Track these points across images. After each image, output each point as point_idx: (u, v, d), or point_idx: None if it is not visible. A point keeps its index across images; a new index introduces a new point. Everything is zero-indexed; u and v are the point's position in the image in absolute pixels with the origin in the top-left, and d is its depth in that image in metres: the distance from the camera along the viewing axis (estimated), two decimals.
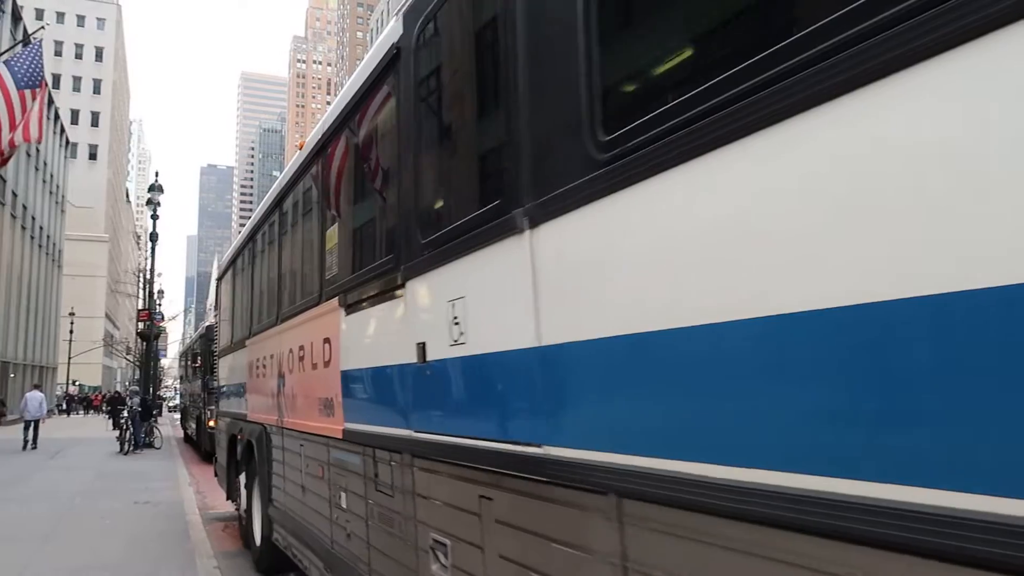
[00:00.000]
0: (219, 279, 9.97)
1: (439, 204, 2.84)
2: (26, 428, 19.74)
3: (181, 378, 24.86)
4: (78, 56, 74.66)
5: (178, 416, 48.36)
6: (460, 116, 2.77)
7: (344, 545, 3.96)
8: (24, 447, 19.23)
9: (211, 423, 13.12)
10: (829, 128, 1.20)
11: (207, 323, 17.36)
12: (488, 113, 2.50)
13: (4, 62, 17.34)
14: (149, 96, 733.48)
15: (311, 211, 4.81)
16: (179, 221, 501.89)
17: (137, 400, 18.86)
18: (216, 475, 9.91)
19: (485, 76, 2.54)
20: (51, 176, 48.17)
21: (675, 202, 1.53)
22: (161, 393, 54.46)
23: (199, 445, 18.73)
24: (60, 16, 71.81)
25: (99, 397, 50.86)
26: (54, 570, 6.25)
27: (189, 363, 23.11)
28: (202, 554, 6.66)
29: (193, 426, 21.13)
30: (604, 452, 1.72)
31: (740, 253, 1.36)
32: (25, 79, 17.13)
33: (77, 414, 45.94)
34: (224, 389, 9.17)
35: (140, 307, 34.95)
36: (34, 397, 20.41)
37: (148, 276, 28.23)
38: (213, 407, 12.08)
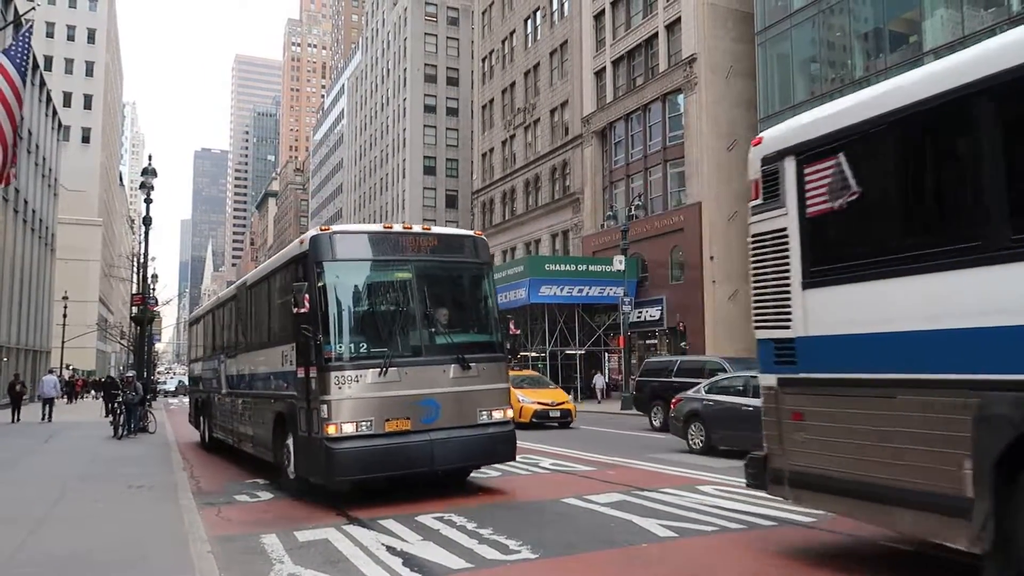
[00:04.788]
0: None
1: None
2: (43, 405, 24.82)
3: (196, 357, 18.96)
4: (70, 38, 73.88)
5: (174, 401, 48.11)
6: None
7: None
8: (42, 420, 23.96)
9: (332, 428, 8.31)
10: None
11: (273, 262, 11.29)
12: None
13: (3, 51, 17.21)
14: (142, 79, 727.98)
15: None
16: (173, 205, 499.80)
17: (135, 387, 18.75)
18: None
19: None
20: (43, 159, 47.75)
21: None
22: (155, 377, 54.33)
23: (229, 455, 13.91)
24: None
25: (81, 382, 48.95)
26: (47, 553, 6.26)
27: (219, 330, 15.27)
28: (196, 538, 6.68)
29: (221, 430, 14.50)
30: None
31: None
32: (22, 71, 17.03)
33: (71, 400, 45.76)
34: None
35: (134, 291, 34.89)
36: (49, 380, 26.08)
37: (142, 260, 28.15)
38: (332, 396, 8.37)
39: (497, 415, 9.28)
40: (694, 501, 8.57)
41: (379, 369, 8.50)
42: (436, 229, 9.88)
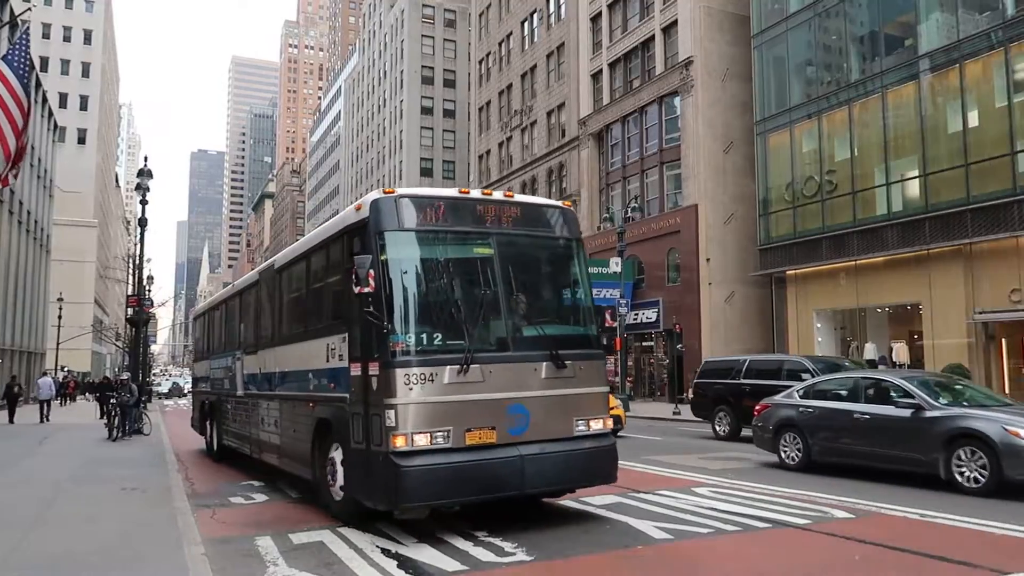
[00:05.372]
0: None
1: None
2: (41, 407, 25.55)
3: (202, 355, 16.93)
4: (66, 39, 73.77)
5: (169, 403, 47.84)
6: None
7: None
8: (40, 421, 24.47)
9: (400, 440, 6.68)
10: None
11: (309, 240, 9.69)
12: None
13: (2, 58, 17.16)
14: (139, 80, 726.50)
15: None
16: (169, 207, 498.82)
17: (130, 389, 18.70)
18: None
19: None
20: (39, 160, 47.64)
21: None
22: (150, 379, 54.14)
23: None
24: None
25: (73, 383, 47.64)
26: (41, 555, 6.24)
27: (234, 323, 13.54)
28: (190, 540, 6.66)
29: (235, 438, 12.90)
30: None
31: None
32: (23, 75, 16.98)
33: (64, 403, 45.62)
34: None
35: (129, 293, 34.78)
36: (45, 382, 27.10)
37: (137, 262, 28.07)
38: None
39: (596, 425, 7.64)
40: (689, 503, 8.57)
41: (459, 366, 6.86)
42: (520, 197, 8.14)
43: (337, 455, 7.84)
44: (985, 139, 21.87)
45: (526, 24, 49.78)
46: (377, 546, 6.74)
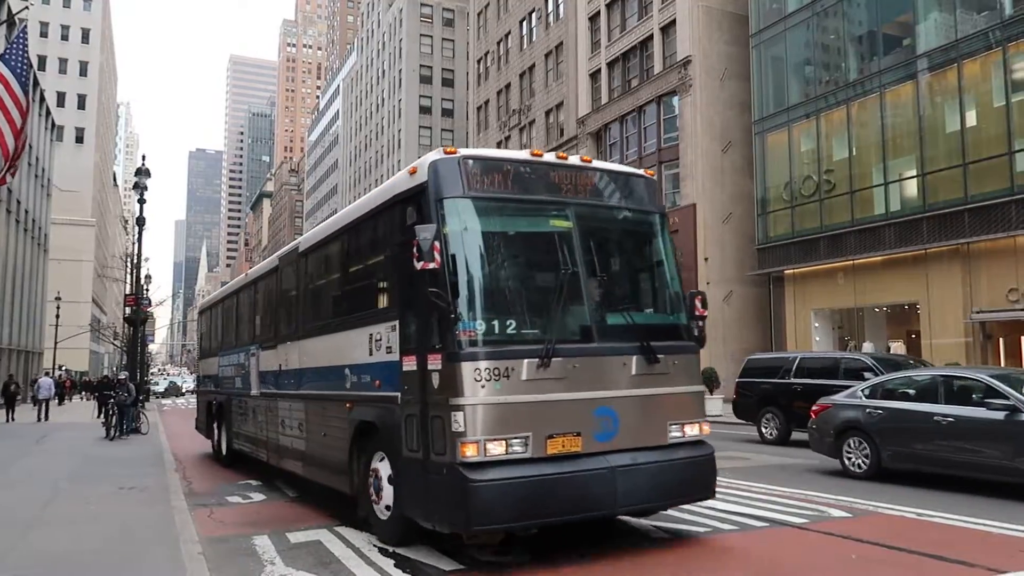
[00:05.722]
0: None
1: None
2: (41, 406, 26.07)
3: (209, 351, 15.81)
4: (64, 38, 73.68)
5: (167, 402, 47.71)
6: None
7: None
8: (38, 420, 24.97)
9: (471, 449, 5.67)
10: None
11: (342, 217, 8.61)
12: None
13: (0, 57, 17.12)
14: (137, 79, 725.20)
15: None
16: (167, 206, 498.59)
17: (127, 388, 18.69)
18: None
19: None
20: (36, 159, 47.59)
21: None
22: (148, 379, 54.10)
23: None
24: None
25: (69, 382, 46.96)
26: (38, 555, 6.23)
27: (249, 315, 12.50)
28: (187, 539, 6.65)
29: (248, 442, 11.89)
30: None
31: None
32: (21, 73, 16.96)
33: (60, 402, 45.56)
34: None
35: (127, 292, 34.75)
36: (45, 382, 27.88)
37: (135, 261, 28.05)
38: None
39: (691, 431, 6.58)
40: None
41: (538, 359, 5.77)
42: (599, 163, 7.05)
43: (383, 466, 6.71)
44: (983, 139, 21.89)
45: (524, 23, 49.77)
46: (375, 545, 6.73)
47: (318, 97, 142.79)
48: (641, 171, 7.36)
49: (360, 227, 7.73)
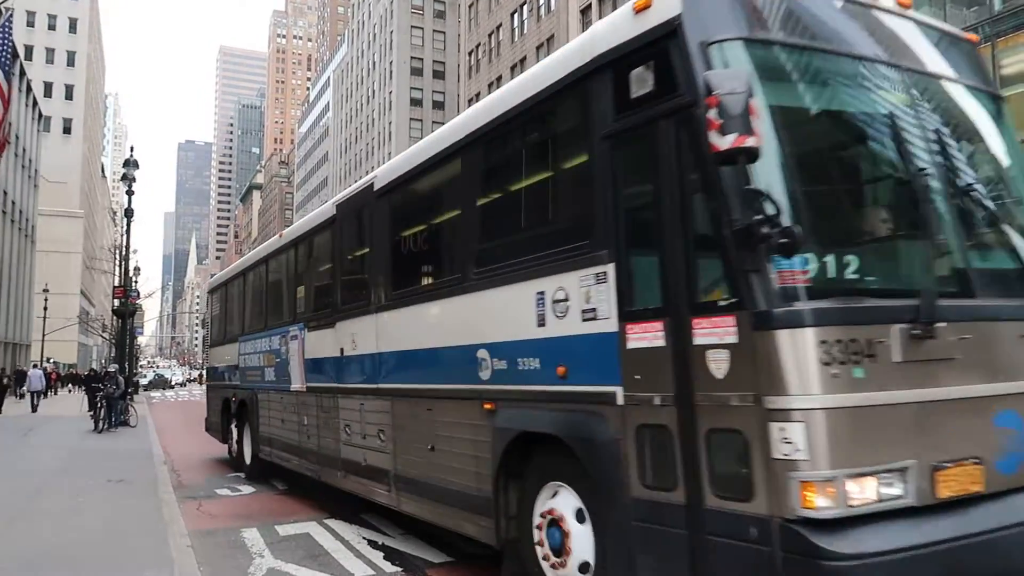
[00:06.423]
0: None
1: None
2: (32, 397, 26.96)
3: (225, 338, 13.05)
4: (51, 27, 72.90)
5: (156, 395, 47.39)
6: None
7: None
8: (32, 411, 25.77)
9: (820, 496, 2.97)
10: None
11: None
12: None
13: None
14: (125, 70, 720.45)
15: None
16: (156, 197, 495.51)
17: (116, 380, 18.58)
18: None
19: None
20: (23, 150, 47.23)
21: None
22: (136, 371, 53.81)
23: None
24: None
25: (55, 375, 46.68)
26: (24, 548, 6.19)
27: (287, 287, 10.01)
28: (176, 532, 6.64)
29: (286, 451, 9.31)
30: None
31: None
32: (4, 62, 16.82)
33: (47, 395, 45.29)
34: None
35: (116, 284, 34.56)
36: (35, 374, 28.82)
37: (124, 253, 27.87)
38: None
39: None
40: None
41: (912, 326, 3.24)
42: (919, 16, 4.42)
43: (567, 509, 4.28)
44: None
45: (516, 16, 49.63)
46: (364, 538, 6.74)
47: (308, 89, 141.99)
48: (965, 34, 4.73)
49: (513, 125, 4.98)
